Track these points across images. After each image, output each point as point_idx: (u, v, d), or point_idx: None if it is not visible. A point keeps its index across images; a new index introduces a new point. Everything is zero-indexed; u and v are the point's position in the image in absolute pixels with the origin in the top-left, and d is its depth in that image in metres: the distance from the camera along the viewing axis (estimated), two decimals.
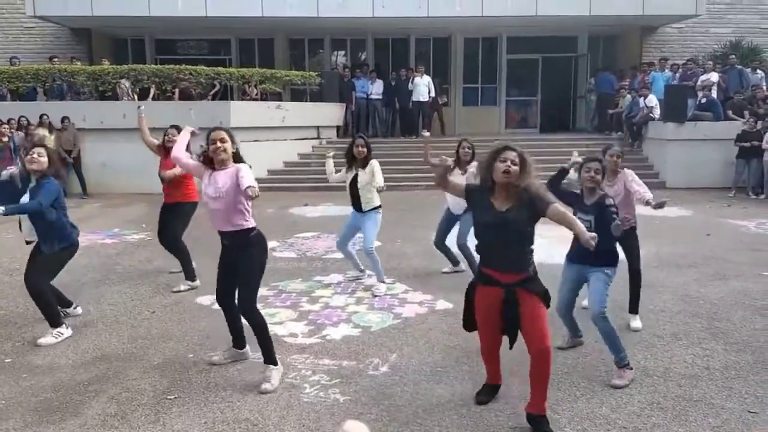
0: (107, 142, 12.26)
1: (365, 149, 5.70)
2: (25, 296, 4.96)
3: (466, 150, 5.95)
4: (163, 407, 3.60)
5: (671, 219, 9.49)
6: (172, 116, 12.29)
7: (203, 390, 3.81)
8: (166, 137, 6.07)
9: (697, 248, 7.49)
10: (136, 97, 13.03)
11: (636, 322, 4.87)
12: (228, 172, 3.84)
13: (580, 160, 4.15)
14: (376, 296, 5.69)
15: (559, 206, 3.27)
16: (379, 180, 5.64)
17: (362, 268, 6.21)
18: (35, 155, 4.49)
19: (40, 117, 12.05)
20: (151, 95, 13.22)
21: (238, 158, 3.93)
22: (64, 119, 12.17)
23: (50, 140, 11.37)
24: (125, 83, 12.90)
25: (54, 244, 4.59)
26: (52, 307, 4.68)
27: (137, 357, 4.35)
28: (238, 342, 4.24)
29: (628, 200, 4.64)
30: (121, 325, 4.99)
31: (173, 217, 6.09)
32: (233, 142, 3.93)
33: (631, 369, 3.91)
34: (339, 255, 6.63)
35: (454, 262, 6.40)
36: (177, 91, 13.10)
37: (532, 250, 3.33)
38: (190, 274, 6.01)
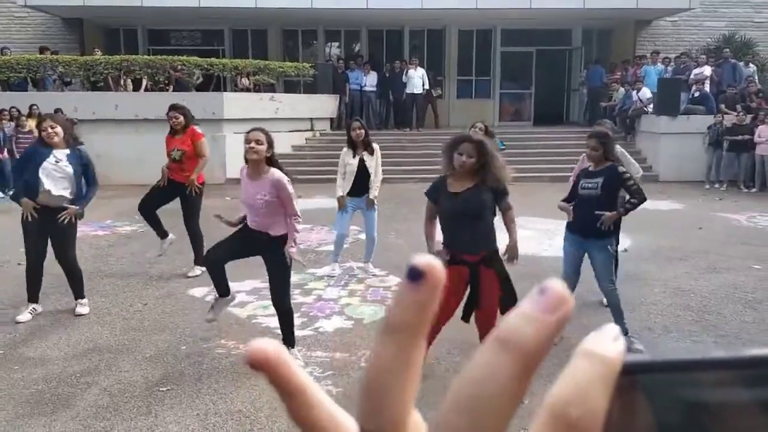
0: (99, 134, 12.17)
1: (363, 131, 5.75)
2: (16, 286, 4.95)
3: (477, 129, 5.93)
4: (155, 399, 3.60)
5: (663, 212, 9.53)
6: (166, 107, 12.30)
7: (195, 382, 3.81)
8: (170, 121, 6.03)
9: (689, 241, 7.53)
10: (129, 87, 12.95)
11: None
12: (268, 181, 3.89)
13: None
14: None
15: (512, 214, 3.63)
16: (376, 189, 5.93)
17: (338, 260, 6.24)
18: (50, 130, 4.69)
19: (30, 107, 11.95)
20: (143, 86, 13.13)
21: (272, 163, 3.97)
22: (57, 111, 12.06)
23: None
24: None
25: (83, 202, 4.98)
26: (82, 279, 5.07)
27: (129, 349, 4.35)
28: (224, 289, 4.25)
29: None
30: (114, 317, 4.98)
31: (186, 200, 6.02)
32: (270, 146, 3.93)
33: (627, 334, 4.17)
34: (331, 248, 6.62)
35: None
36: (173, 81, 13.01)
37: (493, 230, 3.59)
38: (201, 259, 6.01)
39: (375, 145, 5.87)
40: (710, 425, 0.24)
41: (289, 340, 4.08)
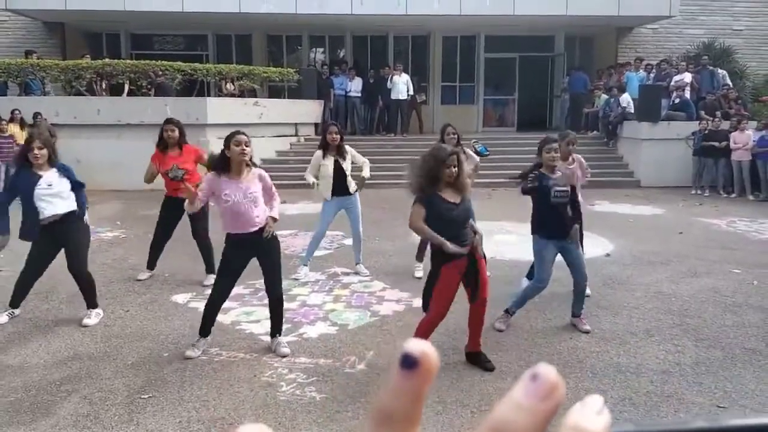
0: (80, 139, 12.04)
1: (338, 136, 5.94)
2: None
3: (451, 136, 6.02)
4: (136, 407, 3.56)
5: (645, 217, 9.64)
6: (149, 112, 12.23)
7: (178, 389, 3.78)
8: (165, 134, 5.85)
9: (670, 246, 7.61)
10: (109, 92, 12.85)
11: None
12: (253, 177, 4.23)
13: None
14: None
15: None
16: (367, 170, 6.18)
17: (307, 264, 6.35)
18: (35, 151, 4.71)
19: (12, 112, 11.81)
20: (125, 91, 13.02)
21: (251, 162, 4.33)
22: (36, 115, 11.93)
23: (22, 136, 11.16)
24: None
25: (84, 210, 4.93)
26: (94, 288, 5.04)
27: (111, 356, 4.30)
28: (209, 329, 4.42)
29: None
30: (95, 324, 4.92)
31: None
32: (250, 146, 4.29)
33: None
34: (317, 253, 6.61)
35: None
36: (154, 87, 12.91)
37: None
38: (212, 268, 5.85)
39: (347, 147, 6.10)
40: None
41: (279, 328, 4.43)
